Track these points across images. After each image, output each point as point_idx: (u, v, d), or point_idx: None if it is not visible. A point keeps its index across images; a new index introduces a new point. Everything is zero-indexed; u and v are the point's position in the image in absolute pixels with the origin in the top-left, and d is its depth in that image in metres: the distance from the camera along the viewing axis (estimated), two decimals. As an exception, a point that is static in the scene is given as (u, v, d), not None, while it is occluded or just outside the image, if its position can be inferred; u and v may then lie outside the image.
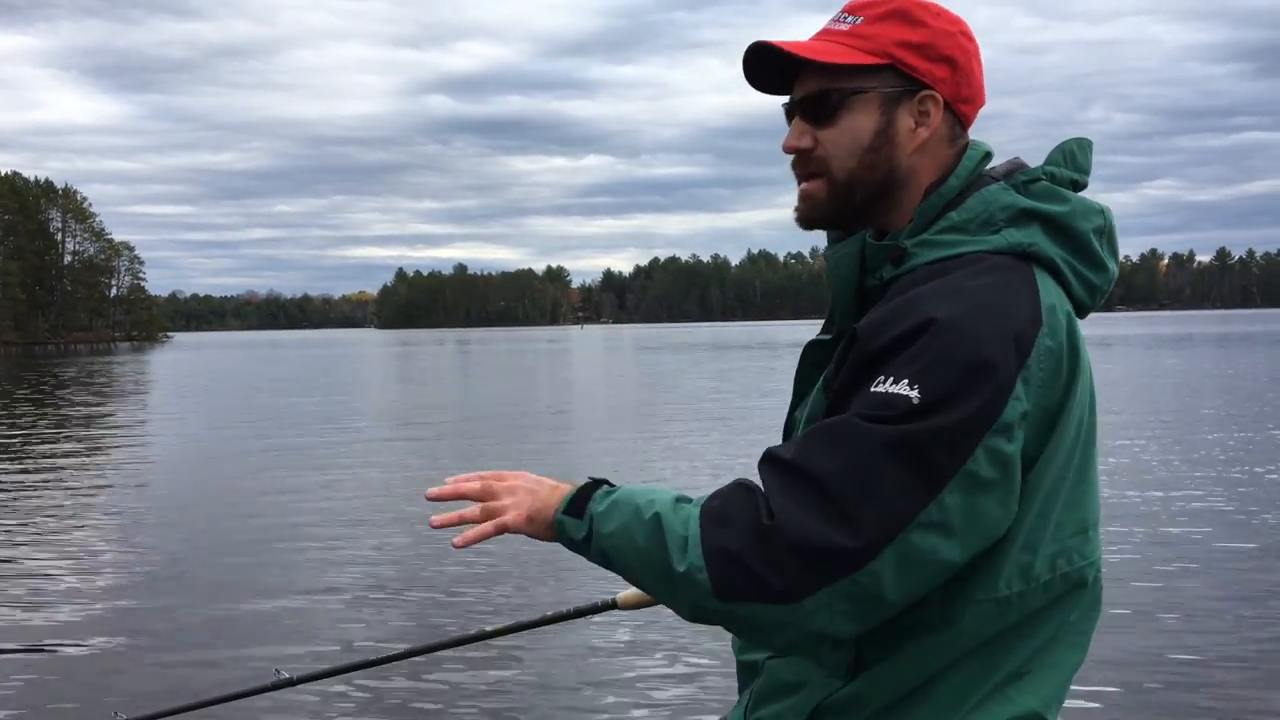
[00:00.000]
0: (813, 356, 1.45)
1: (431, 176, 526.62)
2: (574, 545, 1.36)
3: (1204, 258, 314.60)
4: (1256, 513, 8.90)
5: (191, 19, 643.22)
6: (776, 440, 1.38)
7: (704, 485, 11.50)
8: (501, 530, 1.37)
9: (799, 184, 1.42)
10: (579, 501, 1.36)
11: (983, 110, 1.44)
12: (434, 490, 1.40)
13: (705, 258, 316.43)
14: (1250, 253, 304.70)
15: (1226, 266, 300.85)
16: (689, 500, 1.31)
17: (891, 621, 1.26)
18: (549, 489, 1.39)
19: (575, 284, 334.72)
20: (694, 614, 1.29)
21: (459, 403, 24.41)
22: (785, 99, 1.45)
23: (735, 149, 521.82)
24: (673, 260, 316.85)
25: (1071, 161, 1.38)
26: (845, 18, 1.39)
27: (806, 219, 1.42)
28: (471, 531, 1.38)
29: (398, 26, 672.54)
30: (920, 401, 1.19)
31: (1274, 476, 10.74)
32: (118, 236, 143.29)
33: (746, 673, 1.48)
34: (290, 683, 2.33)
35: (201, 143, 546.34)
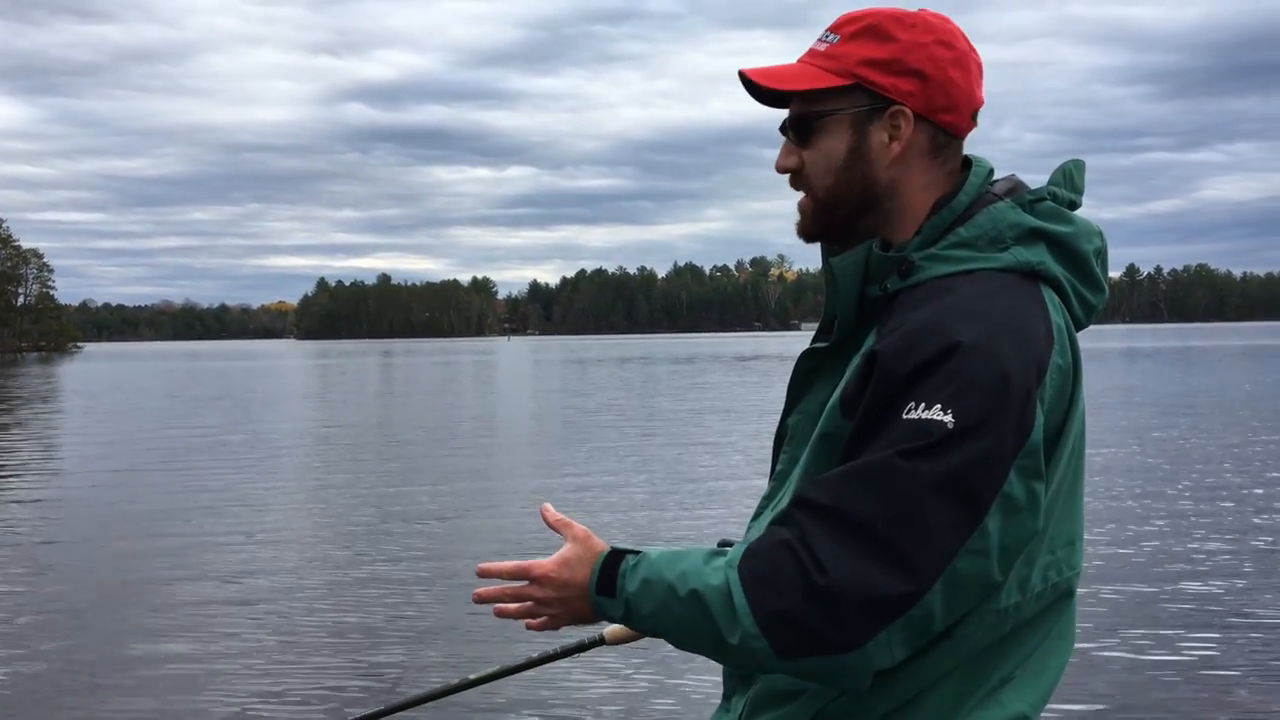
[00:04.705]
0: (807, 364, 1.46)
1: (351, 185, 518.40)
2: (618, 622, 1.39)
3: (1114, 274, 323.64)
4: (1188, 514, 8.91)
5: (97, 21, 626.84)
6: (714, 455, 1.40)
7: (646, 497, 11.09)
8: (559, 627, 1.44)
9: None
10: (607, 579, 1.36)
11: None
12: (480, 590, 1.42)
13: (631, 270, 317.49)
14: (1158, 269, 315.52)
15: (1135, 282, 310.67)
16: (720, 555, 1.31)
17: None
18: (579, 582, 1.38)
19: (501, 295, 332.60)
20: (756, 672, 1.35)
21: (382, 421, 23.76)
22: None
23: (657, 162, 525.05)
24: (599, 272, 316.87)
25: (1070, 183, 1.42)
26: (827, 36, 1.43)
27: (803, 231, 1.47)
28: (534, 623, 1.43)
29: (313, 33, 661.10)
30: (955, 426, 1.21)
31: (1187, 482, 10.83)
32: (25, 244, 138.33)
33: (737, 679, 1.46)
34: None
35: (111, 148, 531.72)
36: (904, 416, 1.23)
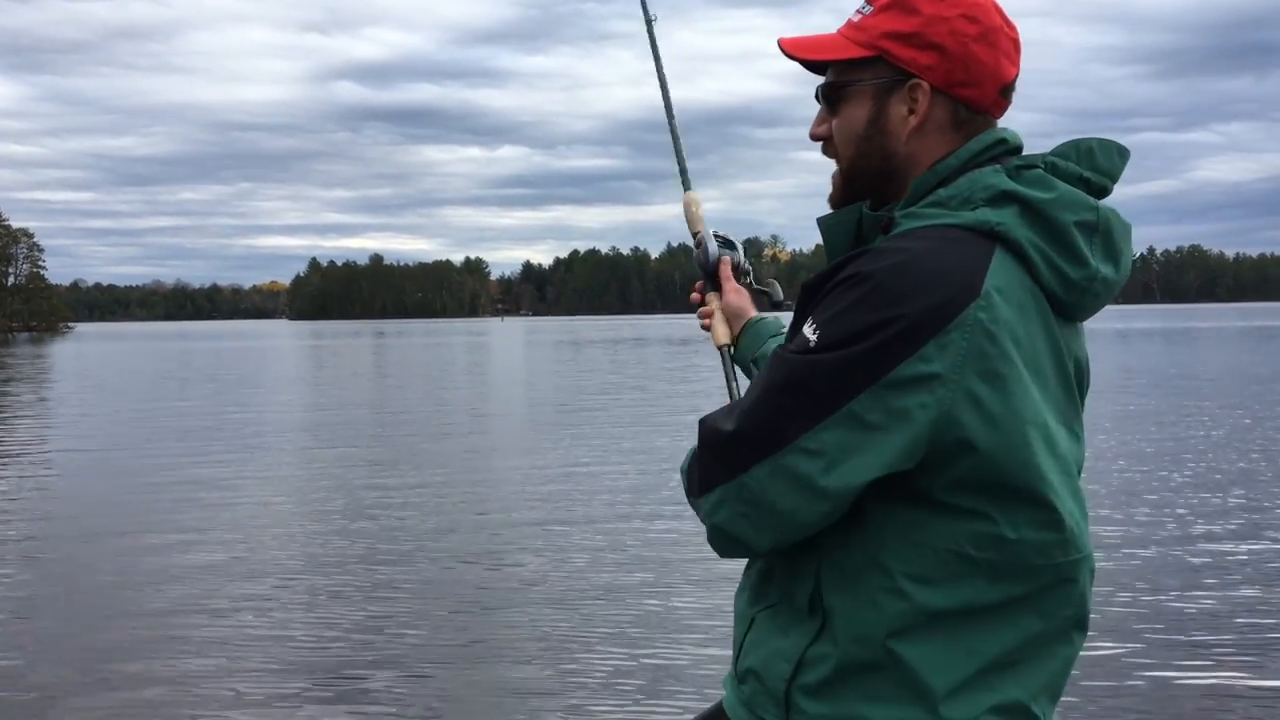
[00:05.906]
0: None
1: (342, 165, 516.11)
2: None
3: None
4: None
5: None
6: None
7: (636, 480, 10.97)
8: None
9: None
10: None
11: None
12: None
13: (624, 250, 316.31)
14: (1151, 250, 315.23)
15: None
16: None
17: (832, 554, 1.34)
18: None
19: (494, 276, 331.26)
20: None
21: (375, 403, 23.61)
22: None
23: (649, 142, 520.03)
24: (593, 253, 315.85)
25: (1087, 159, 1.39)
26: (863, 7, 1.45)
27: (831, 201, 1.53)
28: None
29: (303, 11, 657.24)
30: (815, 344, 1.30)
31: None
32: (15, 223, 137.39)
33: (739, 625, 1.52)
34: None
35: (100, 127, 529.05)
36: (800, 330, 1.34)
